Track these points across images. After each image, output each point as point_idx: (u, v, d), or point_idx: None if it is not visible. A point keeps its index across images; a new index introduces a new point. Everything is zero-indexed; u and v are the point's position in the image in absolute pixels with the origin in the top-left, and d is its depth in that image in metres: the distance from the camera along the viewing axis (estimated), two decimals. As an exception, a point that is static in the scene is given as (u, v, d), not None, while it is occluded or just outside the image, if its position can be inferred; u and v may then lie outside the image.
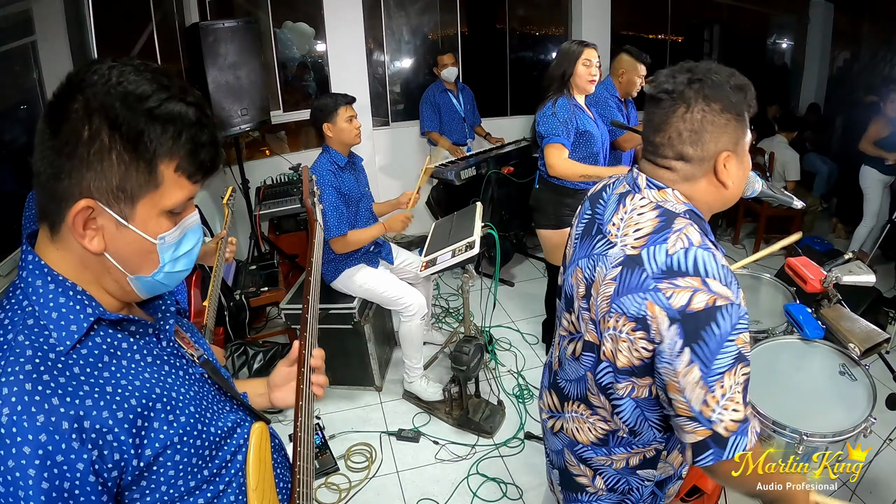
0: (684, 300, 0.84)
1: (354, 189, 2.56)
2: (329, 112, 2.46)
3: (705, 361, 0.84)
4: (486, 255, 3.82)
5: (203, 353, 0.80)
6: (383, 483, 2.26)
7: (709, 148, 0.91)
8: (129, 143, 0.61)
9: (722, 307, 0.83)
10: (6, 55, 2.04)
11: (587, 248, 1.03)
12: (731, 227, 4.60)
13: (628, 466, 1.06)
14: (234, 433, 0.78)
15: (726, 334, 0.83)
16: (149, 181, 0.63)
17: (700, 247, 0.87)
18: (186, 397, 0.71)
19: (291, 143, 4.68)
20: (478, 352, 2.40)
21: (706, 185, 0.94)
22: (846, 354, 1.62)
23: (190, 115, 0.64)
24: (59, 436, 0.57)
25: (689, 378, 0.85)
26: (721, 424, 0.86)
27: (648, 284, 0.87)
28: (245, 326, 2.96)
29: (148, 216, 0.65)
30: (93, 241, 0.63)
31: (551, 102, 2.41)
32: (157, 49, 3.06)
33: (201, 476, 0.71)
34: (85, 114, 0.60)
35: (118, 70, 0.61)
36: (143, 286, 0.70)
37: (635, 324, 0.88)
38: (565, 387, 1.13)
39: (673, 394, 0.88)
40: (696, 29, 5.45)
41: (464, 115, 4.26)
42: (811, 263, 1.65)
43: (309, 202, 1.28)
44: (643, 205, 0.96)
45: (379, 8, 4.45)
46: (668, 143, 0.92)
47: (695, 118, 0.89)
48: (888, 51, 5.16)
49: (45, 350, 0.61)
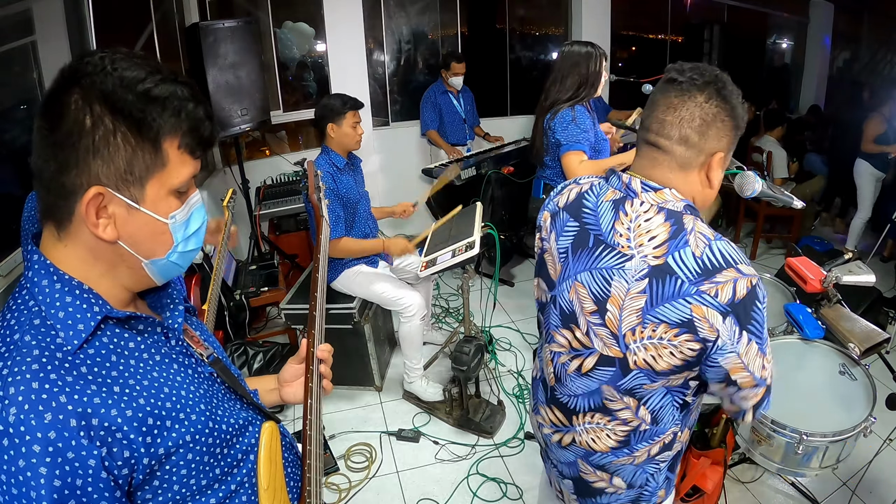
0: (730, 293, 0.88)
1: (353, 191, 2.56)
2: (336, 113, 2.46)
3: (758, 334, 0.90)
4: (486, 255, 3.83)
5: (213, 351, 0.80)
6: (383, 483, 2.26)
7: (710, 142, 0.93)
8: (132, 125, 0.62)
9: (756, 284, 0.89)
10: (6, 55, 2.04)
11: (586, 262, 1.01)
12: (731, 226, 4.61)
13: (649, 456, 1.07)
14: (246, 431, 0.78)
15: (764, 305, 0.90)
16: (155, 161, 0.64)
17: (716, 238, 0.91)
18: (196, 396, 0.71)
19: (291, 143, 4.68)
20: (478, 352, 2.40)
21: (696, 178, 0.97)
22: (846, 354, 1.63)
23: (185, 93, 0.65)
24: (67, 433, 0.57)
25: (750, 354, 0.90)
26: (770, 380, 0.95)
27: (689, 290, 0.89)
28: (245, 326, 2.96)
29: (157, 196, 0.66)
30: (106, 229, 0.64)
31: (569, 109, 2.30)
32: (157, 49, 3.06)
33: (213, 474, 0.71)
34: (85, 103, 0.60)
35: (109, 58, 0.62)
36: (158, 270, 0.70)
37: (679, 328, 0.90)
38: (570, 402, 1.10)
39: (737, 374, 0.92)
40: (696, 29, 5.45)
41: (464, 117, 4.27)
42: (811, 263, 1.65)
43: (315, 198, 1.27)
44: (646, 209, 0.95)
45: (379, 8, 4.45)
46: (677, 123, 0.93)
47: (711, 110, 0.92)
48: (888, 51, 5.16)
49: (52, 350, 0.60)
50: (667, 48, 5.65)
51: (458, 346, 2.39)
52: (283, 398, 1.00)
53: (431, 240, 2.58)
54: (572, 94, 2.33)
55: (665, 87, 0.96)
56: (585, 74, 2.31)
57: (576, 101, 2.33)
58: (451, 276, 3.92)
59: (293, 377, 1.00)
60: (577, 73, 2.31)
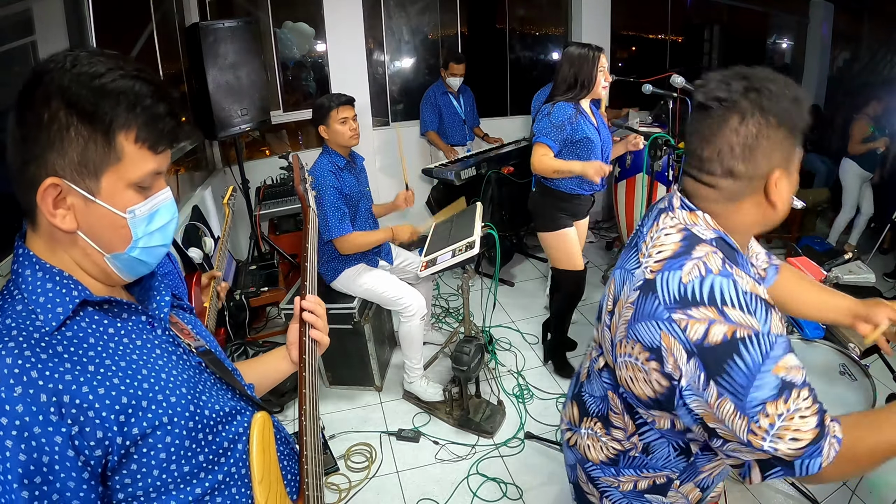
0: (700, 333, 0.77)
1: (355, 189, 2.56)
2: (323, 114, 2.44)
3: (737, 395, 0.76)
4: (486, 255, 3.83)
5: (204, 343, 0.80)
6: (383, 483, 2.26)
7: (761, 165, 0.83)
8: (84, 118, 0.63)
9: (745, 337, 0.76)
10: (6, 55, 2.04)
11: (623, 259, 0.99)
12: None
13: (635, 489, 1.02)
14: (234, 420, 0.77)
15: (756, 366, 0.75)
16: (108, 153, 0.65)
17: (720, 274, 0.80)
18: (179, 379, 0.72)
19: (291, 143, 4.68)
20: (478, 352, 2.40)
21: (751, 205, 0.86)
22: (846, 354, 1.63)
23: (143, 89, 0.66)
24: (36, 407, 0.58)
25: (724, 410, 0.77)
26: (779, 452, 0.77)
27: (662, 314, 0.81)
28: (245, 326, 2.96)
29: (114, 189, 0.67)
30: (64, 219, 0.65)
31: (549, 104, 2.40)
32: (157, 49, 3.05)
33: (196, 461, 0.71)
34: (44, 98, 0.62)
35: (73, 56, 0.64)
36: (122, 265, 0.71)
37: (650, 353, 0.84)
38: (588, 401, 1.09)
39: (713, 423, 0.80)
40: (696, 29, 5.45)
41: (464, 117, 4.27)
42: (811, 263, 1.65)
43: (301, 189, 1.27)
44: (672, 225, 0.90)
45: (379, 8, 4.45)
46: (716, 158, 0.84)
47: (749, 132, 0.81)
48: (888, 51, 5.16)
49: (31, 331, 0.62)
50: (667, 48, 5.65)
51: (458, 346, 2.39)
52: (293, 360, 1.01)
53: (432, 239, 2.58)
54: (565, 94, 2.40)
55: (696, 115, 0.87)
56: (578, 75, 2.37)
57: (570, 100, 2.39)
58: (451, 276, 3.92)
59: (296, 338, 1.00)
60: (571, 74, 2.38)
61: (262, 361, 1.03)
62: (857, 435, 0.80)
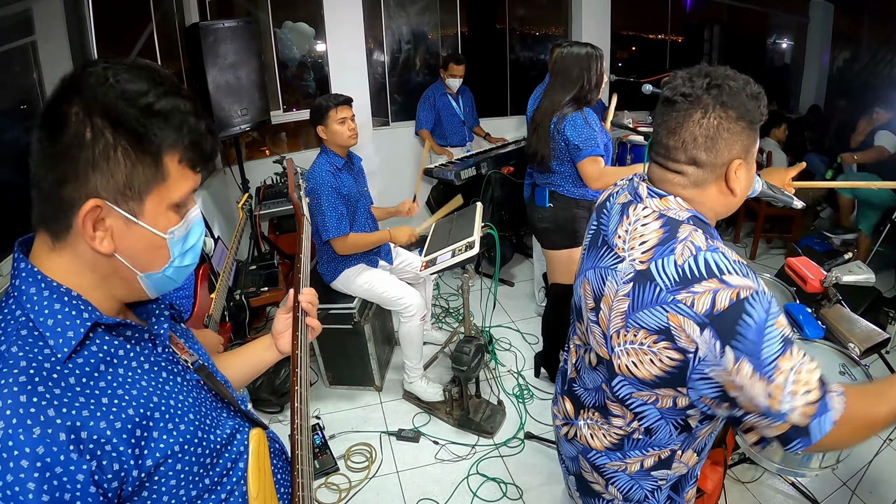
0: (708, 304, 0.82)
1: (353, 189, 2.55)
2: (321, 115, 2.43)
3: (751, 354, 0.80)
4: (486, 255, 3.83)
5: (198, 358, 0.80)
6: (383, 483, 2.26)
7: (722, 154, 0.90)
8: (133, 140, 0.61)
9: (748, 297, 0.81)
10: (6, 55, 2.04)
11: (594, 260, 1.04)
12: (731, 226, 4.61)
13: (642, 468, 1.05)
14: (234, 440, 0.77)
15: (762, 322, 0.80)
16: (156, 175, 0.64)
17: (708, 249, 0.86)
18: (185, 404, 0.71)
19: (291, 144, 4.68)
20: (478, 352, 2.40)
21: (715, 191, 0.94)
22: (846, 354, 1.63)
23: (187, 107, 0.65)
24: (56, 447, 0.56)
25: (742, 374, 0.81)
26: (795, 412, 0.81)
27: (666, 298, 0.86)
28: (245, 326, 2.95)
29: (157, 211, 0.66)
30: (103, 242, 0.63)
31: (579, 112, 2.22)
32: (157, 49, 3.06)
33: (203, 485, 0.71)
34: (85, 115, 0.60)
35: (112, 70, 0.62)
36: (152, 283, 0.70)
37: (657, 335, 0.87)
38: (581, 395, 1.13)
39: (734, 392, 0.84)
40: (695, 29, 5.45)
41: (463, 118, 4.27)
42: (811, 263, 1.65)
43: (294, 196, 1.26)
44: (646, 215, 0.95)
45: (379, 8, 4.45)
46: (681, 147, 0.91)
47: (711, 124, 0.88)
48: (888, 51, 5.16)
49: (40, 360, 0.60)
50: (667, 48, 5.65)
51: (458, 346, 2.39)
52: (280, 350, 1.02)
53: (431, 239, 2.58)
54: (578, 98, 2.25)
55: (662, 108, 0.94)
56: (589, 77, 2.23)
57: (583, 104, 2.26)
58: (451, 276, 3.92)
59: (285, 327, 1.01)
60: (581, 76, 2.23)
61: (245, 352, 1.03)
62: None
